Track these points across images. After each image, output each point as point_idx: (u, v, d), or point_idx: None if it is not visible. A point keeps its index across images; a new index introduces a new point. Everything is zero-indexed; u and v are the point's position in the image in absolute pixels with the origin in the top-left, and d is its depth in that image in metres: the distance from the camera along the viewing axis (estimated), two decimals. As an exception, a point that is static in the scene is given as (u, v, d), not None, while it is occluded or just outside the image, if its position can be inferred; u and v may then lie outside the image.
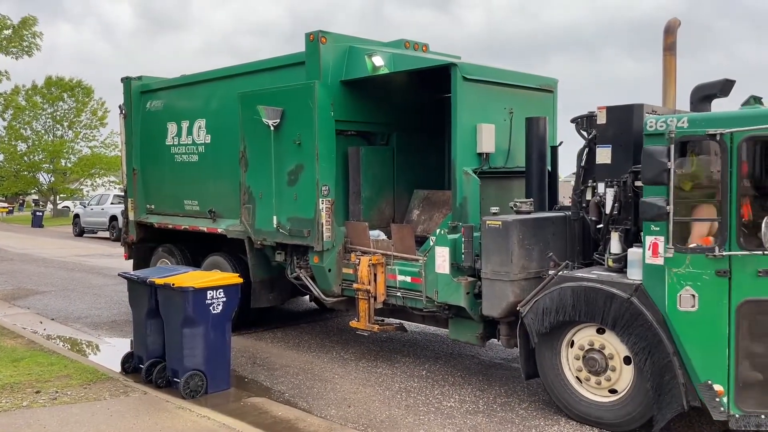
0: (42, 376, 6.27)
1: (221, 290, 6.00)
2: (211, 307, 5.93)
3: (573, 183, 5.91)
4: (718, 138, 4.51)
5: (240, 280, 6.27)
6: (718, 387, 4.54)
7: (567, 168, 9.08)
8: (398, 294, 6.58)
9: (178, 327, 5.91)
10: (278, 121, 7.08)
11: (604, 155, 5.38)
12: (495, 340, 6.25)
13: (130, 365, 6.56)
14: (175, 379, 5.95)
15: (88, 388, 5.94)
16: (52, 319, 9.49)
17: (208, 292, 5.92)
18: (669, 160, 4.47)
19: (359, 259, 6.73)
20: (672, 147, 4.50)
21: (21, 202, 51.83)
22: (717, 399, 4.54)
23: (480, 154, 6.38)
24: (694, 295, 4.60)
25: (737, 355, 4.52)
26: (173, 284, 5.87)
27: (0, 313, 9.61)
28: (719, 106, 5.64)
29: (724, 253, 4.49)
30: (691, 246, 4.62)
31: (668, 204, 4.51)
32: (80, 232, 26.27)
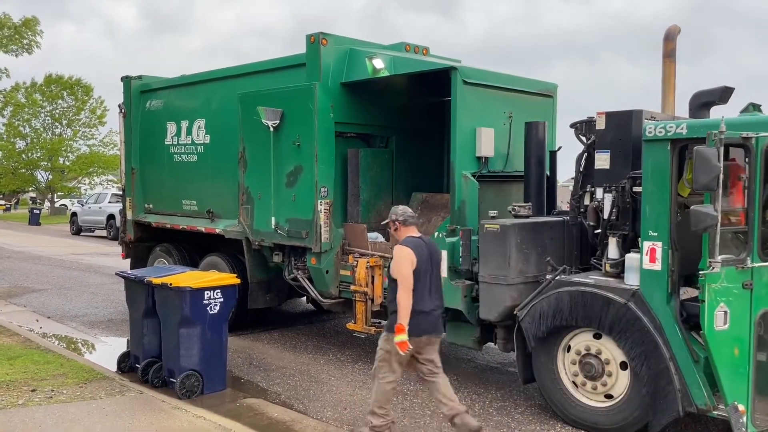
0: (38, 374, 6.25)
1: (218, 291, 6.00)
2: (208, 308, 5.93)
3: (571, 188, 5.93)
4: (751, 142, 4.31)
5: (237, 281, 6.27)
6: (741, 407, 4.39)
7: (565, 173, 9.13)
8: (396, 296, 6.57)
9: (174, 327, 5.90)
10: (278, 122, 7.09)
11: (602, 160, 5.39)
12: (492, 344, 6.25)
13: (126, 364, 6.56)
14: (171, 379, 5.95)
15: (84, 387, 5.93)
16: (49, 318, 9.48)
17: (206, 292, 5.92)
18: (720, 164, 4.15)
19: (357, 261, 6.73)
20: (720, 150, 4.16)
21: (16, 200, 51.61)
22: (741, 420, 4.37)
23: (479, 158, 6.39)
24: (726, 312, 4.38)
25: (755, 369, 4.43)
26: (171, 284, 5.87)
27: (-4, 311, 9.59)
28: (718, 113, 5.67)
29: (749, 265, 4.34)
30: (731, 258, 4.36)
31: (717, 212, 4.18)
32: (77, 231, 26.23)
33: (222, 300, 6.01)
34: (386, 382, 4.86)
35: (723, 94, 5.57)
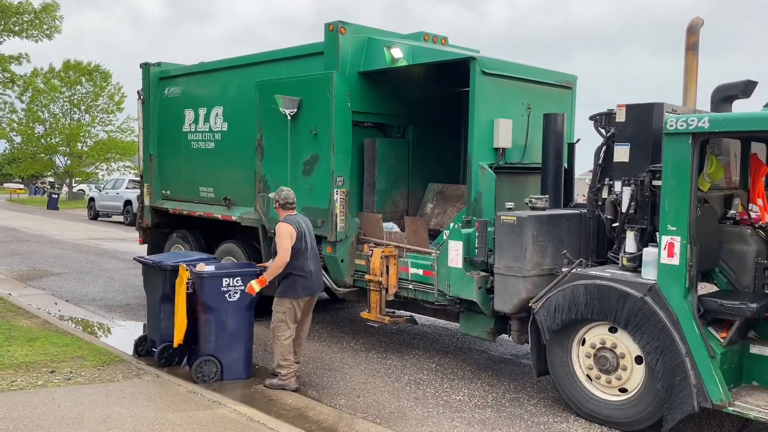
0: (57, 356, 6.35)
1: (239, 278, 6.02)
2: (227, 295, 5.96)
3: (589, 181, 5.89)
4: None
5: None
6: None
7: (583, 166, 9.06)
8: (410, 286, 6.60)
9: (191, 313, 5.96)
10: (295, 110, 7.10)
11: (622, 153, 5.34)
12: (505, 336, 6.25)
13: (143, 348, 6.64)
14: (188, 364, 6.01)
15: (101, 369, 6.02)
16: (67, 301, 9.61)
17: (224, 279, 5.96)
18: None
19: (372, 250, 6.75)
20: None
21: (42, 183, 52.04)
22: None
23: (496, 149, 6.36)
24: None
25: None
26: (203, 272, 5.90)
27: (16, 294, 9.74)
28: (740, 107, 5.60)
29: None
30: None
31: None
32: (95, 216, 26.54)
33: (242, 288, 6.00)
34: (285, 338, 5.76)
35: (746, 88, 5.50)
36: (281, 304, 5.77)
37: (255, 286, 5.69)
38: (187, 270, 5.94)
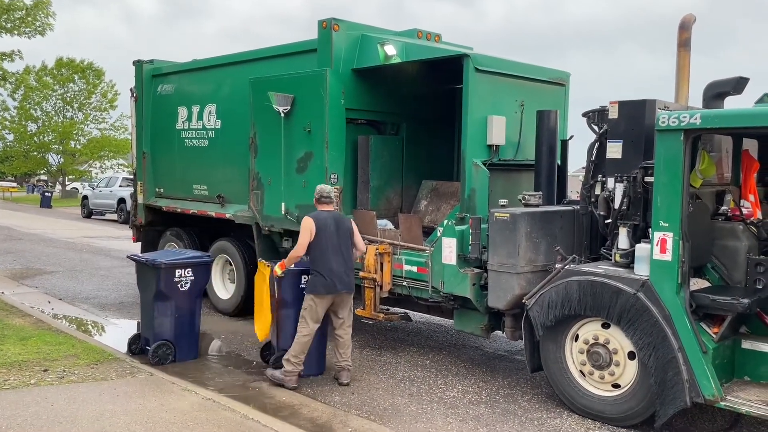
0: (50, 355, 6.33)
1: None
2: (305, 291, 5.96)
3: (582, 177, 5.91)
4: None
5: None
6: None
7: (576, 162, 9.09)
8: (404, 283, 6.61)
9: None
10: (289, 108, 7.09)
11: (614, 150, 5.36)
12: (499, 332, 6.27)
13: (136, 346, 6.63)
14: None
15: (95, 367, 6.00)
16: (60, 299, 9.58)
17: (302, 276, 6.01)
18: None
19: (366, 247, 6.74)
20: None
21: (39, 181, 51.61)
22: None
23: (490, 146, 6.38)
24: None
25: None
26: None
27: (8, 292, 9.70)
28: (732, 103, 5.63)
29: None
30: None
31: None
32: (88, 214, 26.45)
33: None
34: (302, 335, 5.76)
35: (738, 85, 5.53)
36: (305, 300, 5.84)
37: (277, 269, 5.90)
38: (267, 266, 6.04)
